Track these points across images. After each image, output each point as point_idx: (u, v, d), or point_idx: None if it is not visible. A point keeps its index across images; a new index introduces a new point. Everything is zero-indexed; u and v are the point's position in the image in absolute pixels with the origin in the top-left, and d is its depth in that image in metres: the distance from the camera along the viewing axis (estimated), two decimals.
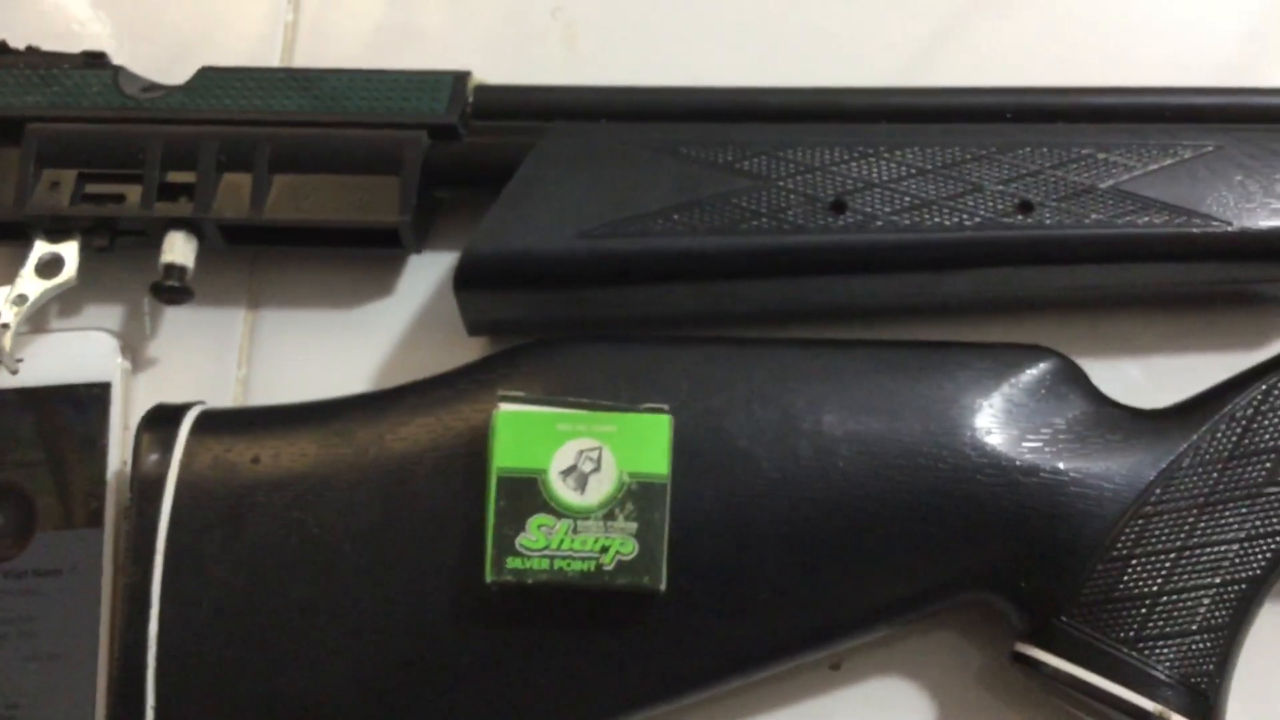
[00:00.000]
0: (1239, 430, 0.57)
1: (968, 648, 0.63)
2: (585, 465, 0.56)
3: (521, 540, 0.55)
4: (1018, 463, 0.58)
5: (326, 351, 0.69)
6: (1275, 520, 0.56)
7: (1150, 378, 0.66)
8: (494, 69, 0.70)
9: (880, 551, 0.58)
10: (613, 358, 0.60)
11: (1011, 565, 0.57)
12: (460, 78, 0.68)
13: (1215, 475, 0.57)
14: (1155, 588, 0.56)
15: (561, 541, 0.55)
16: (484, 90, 0.68)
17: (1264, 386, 0.58)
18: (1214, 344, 0.67)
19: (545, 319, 0.64)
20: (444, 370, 0.62)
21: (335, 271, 0.70)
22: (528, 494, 0.56)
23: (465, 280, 0.62)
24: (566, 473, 0.56)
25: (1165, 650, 0.56)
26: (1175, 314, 0.67)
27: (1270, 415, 0.57)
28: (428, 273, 0.70)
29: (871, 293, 0.63)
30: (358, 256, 0.69)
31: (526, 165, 0.63)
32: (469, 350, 0.67)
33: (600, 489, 0.56)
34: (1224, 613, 0.56)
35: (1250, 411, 0.58)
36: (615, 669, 0.57)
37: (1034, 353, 0.60)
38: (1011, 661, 0.58)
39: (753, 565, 0.57)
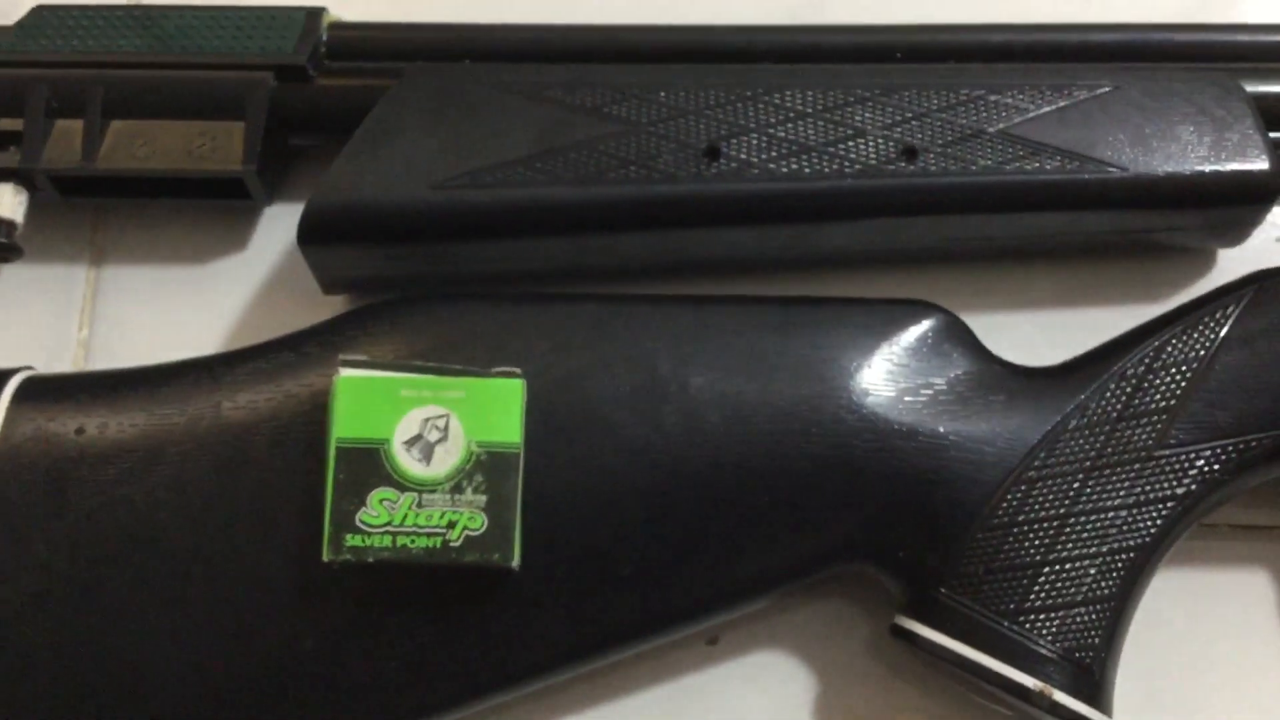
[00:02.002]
0: (1129, 389, 0.54)
1: (857, 617, 0.60)
2: (431, 434, 0.52)
3: (362, 516, 0.51)
4: (895, 426, 0.54)
5: (175, 311, 0.64)
6: (1165, 484, 0.53)
7: (1045, 334, 0.63)
8: (356, 4, 0.65)
9: (751, 521, 0.54)
10: (468, 318, 0.56)
11: (888, 534, 0.54)
12: (313, 14, 0.63)
13: (1103, 437, 0.54)
14: (1038, 557, 0.53)
15: (405, 517, 0.51)
16: (339, 28, 0.64)
17: (1156, 343, 0.55)
18: (1113, 297, 0.64)
19: (404, 275, 0.60)
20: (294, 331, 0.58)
21: (184, 225, 0.65)
22: (369, 466, 0.52)
23: (310, 235, 0.57)
24: (411, 442, 0.52)
25: (1049, 623, 0.53)
26: (1072, 266, 0.64)
27: (1162, 373, 0.54)
28: (283, 225, 0.65)
29: (747, 245, 0.60)
30: (207, 209, 0.64)
31: (378, 110, 0.58)
32: (328, 309, 0.62)
33: (447, 460, 0.52)
34: (1111, 583, 0.53)
35: (1141, 369, 0.55)
36: (469, 650, 0.53)
37: (916, 309, 0.57)
38: (891, 635, 0.55)
39: (616, 538, 0.54)
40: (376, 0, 0.68)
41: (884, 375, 0.55)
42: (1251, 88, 0.60)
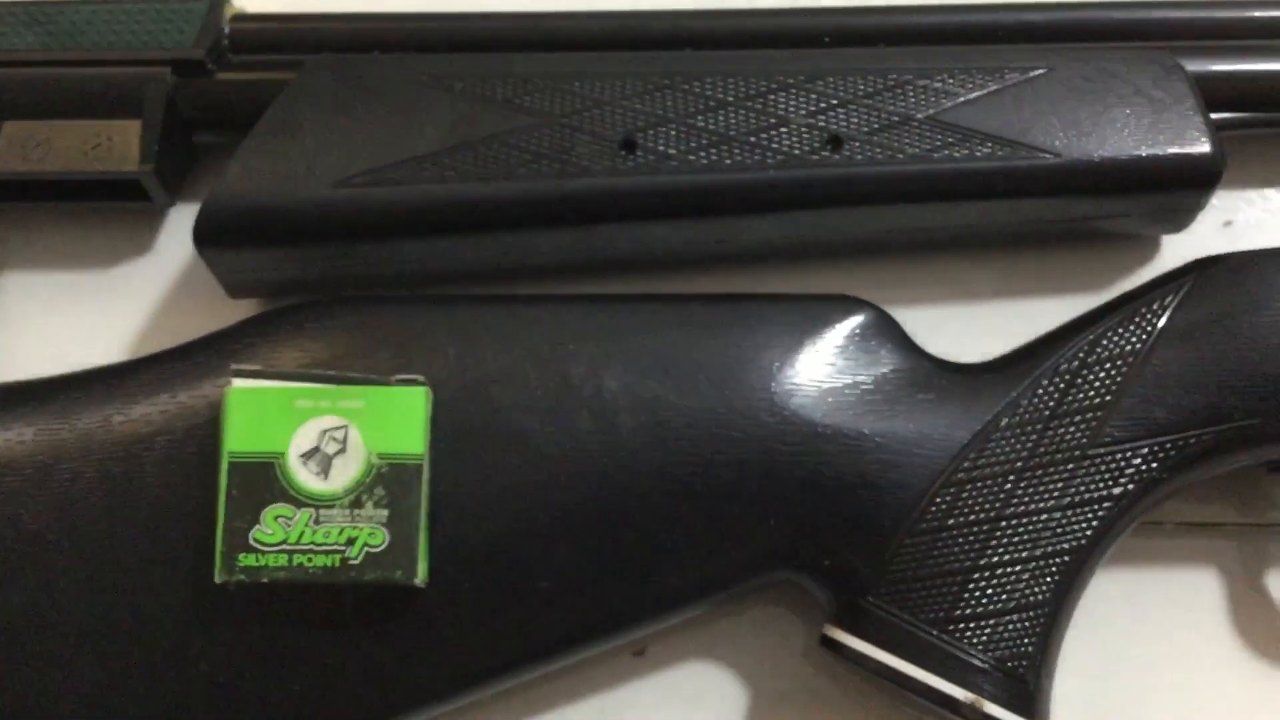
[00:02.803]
0: (1062, 385, 0.52)
1: (792, 625, 0.58)
2: (329, 446, 0.50)
3: (256, 534, 0.49)
4: (819, 428, 0.52)
5: (78, 318, 0.61)
6: (1101, 484, 0.51)
7: (984, 327, 0.60)
8: None
9: (671, 530, 0.52)
10: (373, 322, 0.53)
11: (813, 541, 0.52)
12: (215, 5, 0.60)
13: (1035, 436, 0.51)
14: (968, 563, 0.51)
15: (302, 534, 0.49)
16: (242, 19, 0.61)
17: (1091, 336, 0.53)
18: (1054, 287, 0.61)
19: (313, 277, 0.58)
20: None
21: (86, 228, 0.63)
22: (263, 481, 0.49)
23: (207, 237, 0.55)
24: (307, 456, 0.49)
25: (979, 632, 0.50)
26: (1011, 255, 0.62)
27: (1096, 369, 0.52)
28: (189, 227, 0.61)
29: (667, 240, 0.57)
30: (108, 211, 0.62)
31: (276, 105, 0.56)
32: (237, 313, 0.59)
33: (346, 473, 0.49)
34: (1045, 588, 0.51)
35: (1075, 365, 0.52)
36: (376, 671, 0.51)
37: (842, 305, 0.54)
38: (821, 646, 0.53)
39: (530, 551, 0.51)
40: None
41: (807, 375, 0.53)
42: (1193, 66, 0.57)
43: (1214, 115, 0.57)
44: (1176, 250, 0.61)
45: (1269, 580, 0.58)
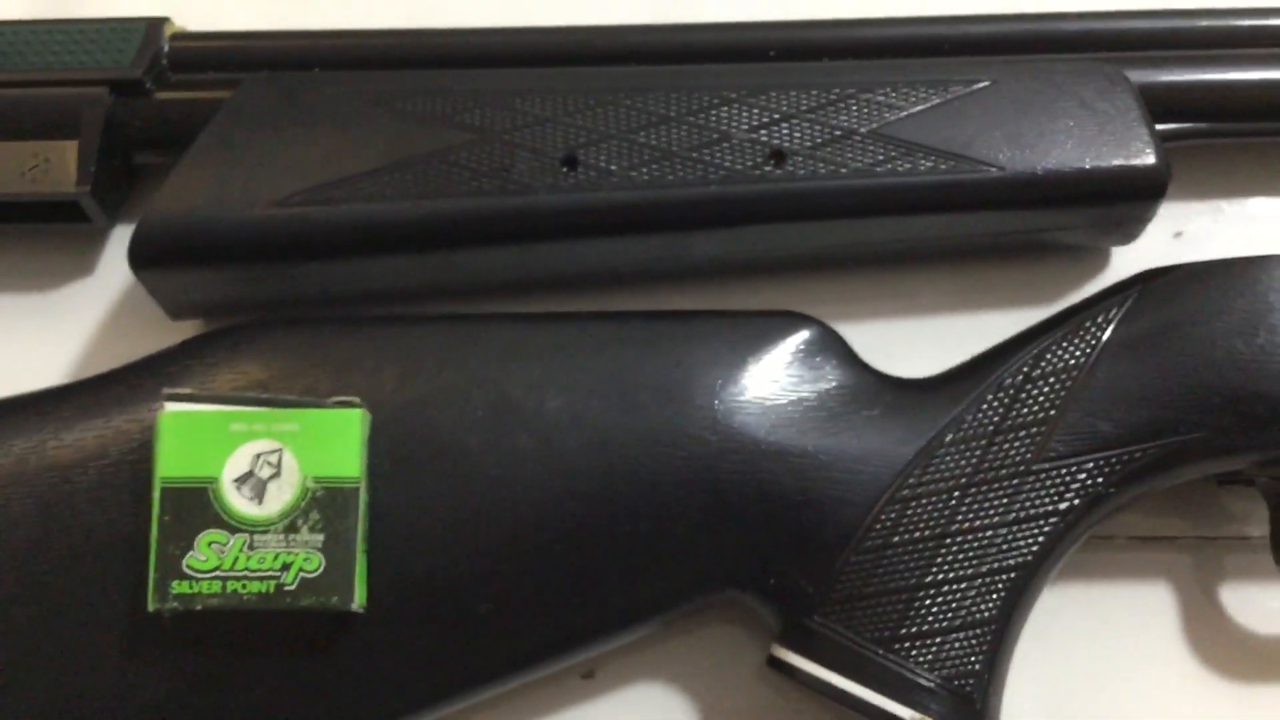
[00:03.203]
0: (1007, 400, 0.51)
1: (744, 644, 0.57)
2: (263, 471, 0.49)
3: (189, 561, 0.48)
4: (763, 446, 0.51)
5: (19, 341, 0.61)
6: (1046, 500, 0.51)
7: (935, 342, 0.60)
8: (209, 14, 0.62)
9: (615, 551, 0.51)
10: (311, 343, 0.53)
11: (758, 560, 0.51)
12: (155, 24, 0.60)
13: (980, 451, 0.51)
14: (914, 580, 0.50)
15: (236, 560, 0.48)
16: (182, 38, 0.60)
17: (1036, 350, 0.52)
18: (1004, 300, 0.61)
19: (253, 298, 0.57)
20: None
21: (26, 251, 0.62)
22: (196, 506, 0.48)
23: (142, 258, 0.54)
24: (241, 480, 0.49)
25: (926, 650, 0.50)
26: (961, 269, 0.61)
27: (1041, 383, 0.51)
28: None
29: (611, 257, 0.57)
30: (48, 233, 0.61)
31: (213, 124, 0.55)
32: (181, 335, 0.59)
33: (280, 497, 0.49)
34: (992, 605, 0.50)
35: (1020, 379, 0.52)
36: (315, 699, 0.50)
37: (786, 321, 0.54)
38: (768, 666, 0.52)
39: (470, 574, 0.51)
40: (234, 8, 0.65)
41: (751, 392, 0.52)
42: (1138, 77, 0.57)
43: (1160, 126, 0.57)
44: (1126, 262, 0.61)
45: (1222, 593, 0.58)
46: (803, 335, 0.54)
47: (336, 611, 0.48)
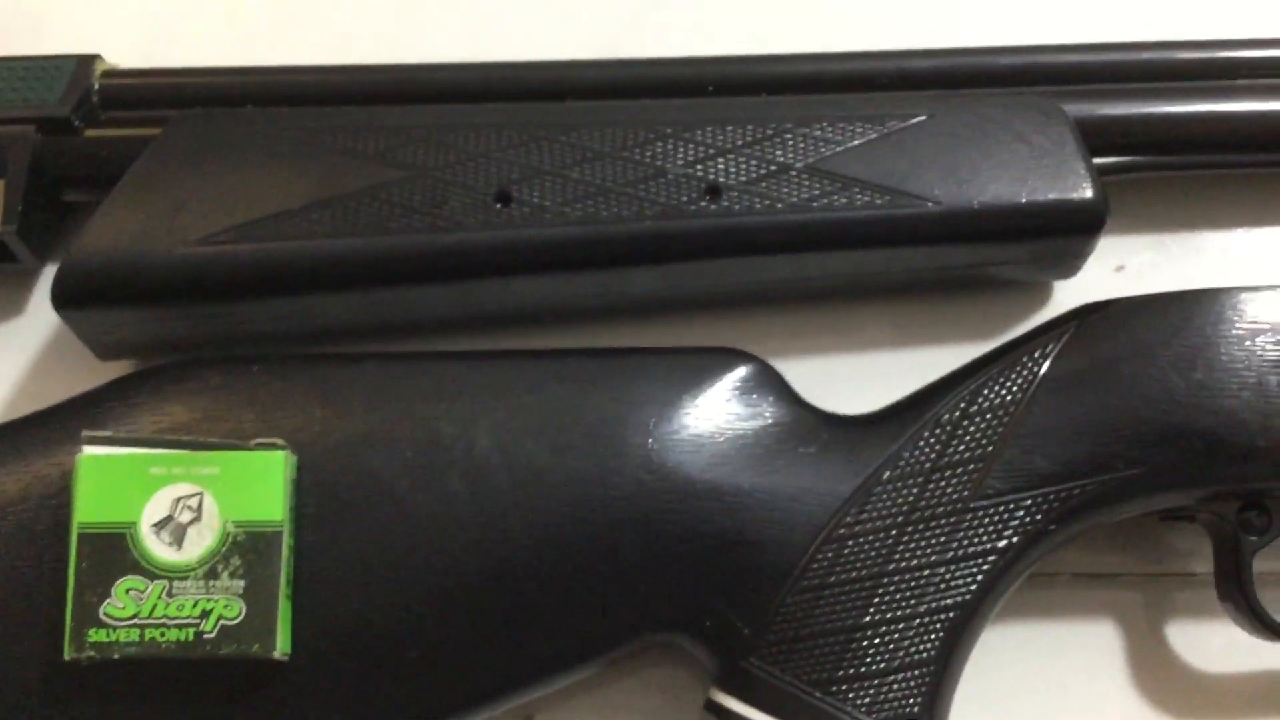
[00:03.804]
0: (944, 437, 0.51)
1: (688, 685, 0.56)
2: (183, 515, 0.48)
3: (107, 608, 0.47)
4: (697, 485, 0.50)
5: None
6: (984, 538, 0.50)
7: (877, 378, 0.58)
8: (141, 51, 0.61)
9: (547, 594, 0.50)
10: (237, 384, 0.52)
11: (694, 602, 0.50)
12: (84, 62, 0.59)
13: (916, 489, 0.50)
14: (850, 621, 0.49)
15: (154, 607, 0.47)
16: (112, 75, 0.59)
17: (973, 386, 0.52)
18: (946, 335, 0.60)
19: (181, 338, 0.56)
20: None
21: None
22: (114, 552, 0.47)
23: (66, 299, 0.53)
24: (160, 525, 0.48)
25: (863, 693, 0.49)
26: (902, 304, 0.61)
27: (978, 419, 0.51)
28: None
29: (545, 294, 0.56)
30: None
31: (140, 161, 0.54)
32: (110, 375, 0.58)
33: (200, 542, 0.47)
34: (930, 646, 0.49)
35: (957, 415, 0.51)
36: None
37: (721, 357, 0.53)
38: (706, 711, 0.51)
39: (399, 619, 0.50)
40: (167, 46, 0.65)
41: (686, 431, 0.51)
42: (1075, 111, 0.57)
43: (1098, 160, 0.57)
44: (1068, 296, 0.60)
45: (1168, 631, 0.57)
46: (739, 372, 0.53)
47: (258, 660, 0.47)
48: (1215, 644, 0.57)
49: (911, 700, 0.49)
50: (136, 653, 0.47)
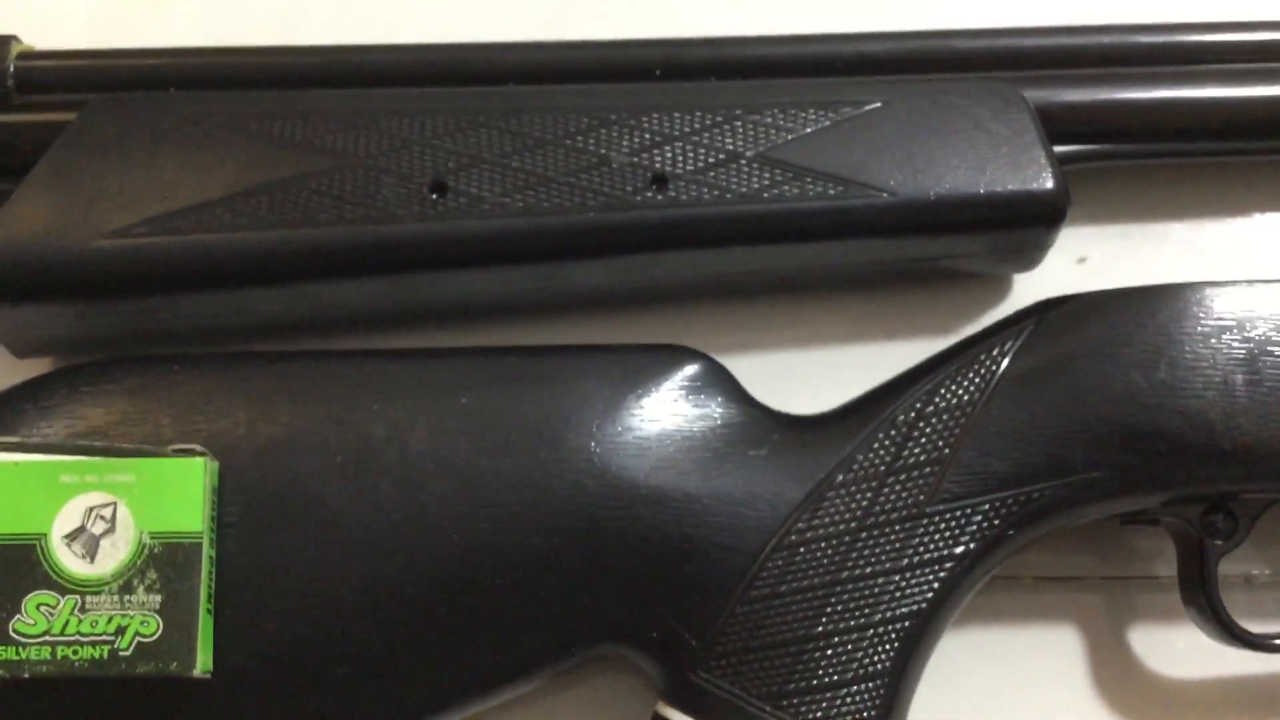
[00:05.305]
0: (899, 439, 0.49)
1: (634, 695, 0.54)
2: (96, 526, 0.45)
3: (16, 624, 0.44)
4: (642, 490, 0.48)
5: None
6: (941, 544, 0.48)
7: (832, 375, 0.56)
8: (63, 31, 0.58)
9: (485, 606, 0.48)
10: (155, 384, 0.49)
11: (640, 612, 0.48)
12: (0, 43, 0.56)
13: (871, 494, 0.48)
14: (802, 632, 0.47)
15: (66, 624, 0.44)
16: (30, 58, 0.56)
17: (929, 386, 0.49)
18: (903, 330, 0.58)
19: (101, 335, 0.53)
20: None
21: None
22: (24, 565, 0.45)
23: None
24: (72, 536, 0.45)
25: (815, 706, 0.47)
26: (857, 297, 0.58)
27: (934, 420, 0.49)
28: None
29: (485, 288, 0.53)
30: None
31: (54, 149, 0.51)
32: (30, 375, 0.55)
33: (115, 555, 0.45)
34: (885, 656, 0.47)
35: (912, 416, 0.49)
36: None
37: (668, 355, 0.51)
38: None
39: (328, 633, 0.47)
40: (88, 26, 0.62)
41: (630, 433, 0.49)
42: (1036, 97, 0.55)
43: (1060, 148, 0.55)
44: (1029, 289, 0.58)
45: (1131, 634, 0.56)
46: (686, 370, 0.51)
47: (177, 678, 0.45)
48: (1178, 647, 0.55)
49: (866, 713, 0.47)
50: (48, 671, 0.44)
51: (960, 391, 0.49)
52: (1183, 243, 0.61)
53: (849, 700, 0.47)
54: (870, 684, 0.47)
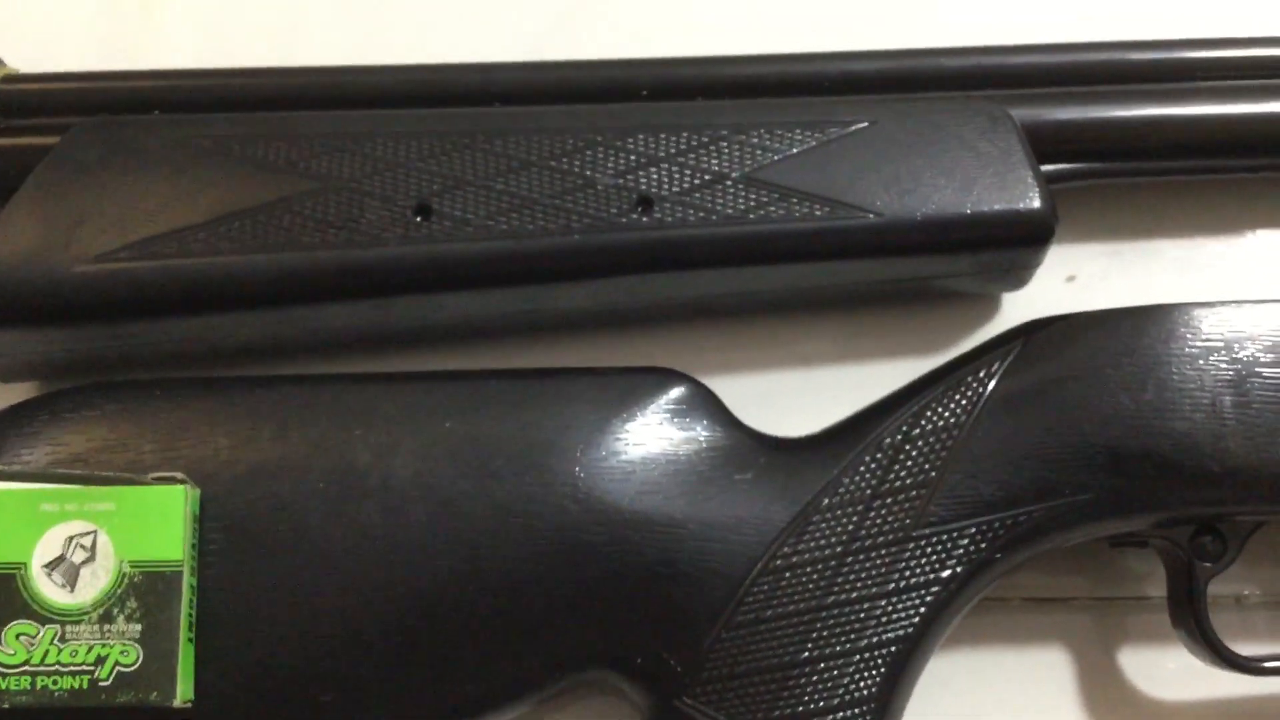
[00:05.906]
0: (885, 462, 0.48)
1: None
2: (76, 555, 0.45)
3: None
4: (627, 515, 0.48)
5: None
6: (927, 568, 0.48)
7: (820, 396, 0.55)
8: (47, 54, 0.58)
9: (469, 631, 0.48)
10: (137, 410, 0.49)
11: (624, 638, 0.48)
12: None
13: (857, 518, 0.48)
14: (788, 657, 0.47)
15: (46, 654, 0.44)
16: (13, 80, 0.56)
17: (915, 408, 0.49)
18: (892, 350, 0.58)
19: (86, 361, 0.53)
20: None
21: None
22: (3, 595, 0.44)
23: None
24: (52, 565, 0.45)
25: None
26: (844, 318, 0.58)
27: (920, 443, 0.48)
28: None
29: (470, 311, 0.53)
30: None
31: (37, 173, 0.51)
32: (11, 399, 0.55)
33: (95, 584, 0.45)
34: (872, 682, 0.47)
35: (898, 439, 0.49)
36: None
37: (653, 378, 0.51)
38: None
39: (311, 660, 0.47)
40: (72, 49, 0.61)
41: (615, 457, 0.49)
42: (1023, 116, 0.55)
43: (1048, 167, 0.54)
44: (1017, 308, 0.58)
45: (1121, 656, 0.55)
46: (672, 393, 0.50)
47: (155, 710, 0.44)
48: (1169, 669, 0.55)
49: None
50: (27, 702, 0.44)
51: (947, 414, 0.49)
52: (1172, 261, 0.61)
53: None
54: (857, 709, 0.47)
